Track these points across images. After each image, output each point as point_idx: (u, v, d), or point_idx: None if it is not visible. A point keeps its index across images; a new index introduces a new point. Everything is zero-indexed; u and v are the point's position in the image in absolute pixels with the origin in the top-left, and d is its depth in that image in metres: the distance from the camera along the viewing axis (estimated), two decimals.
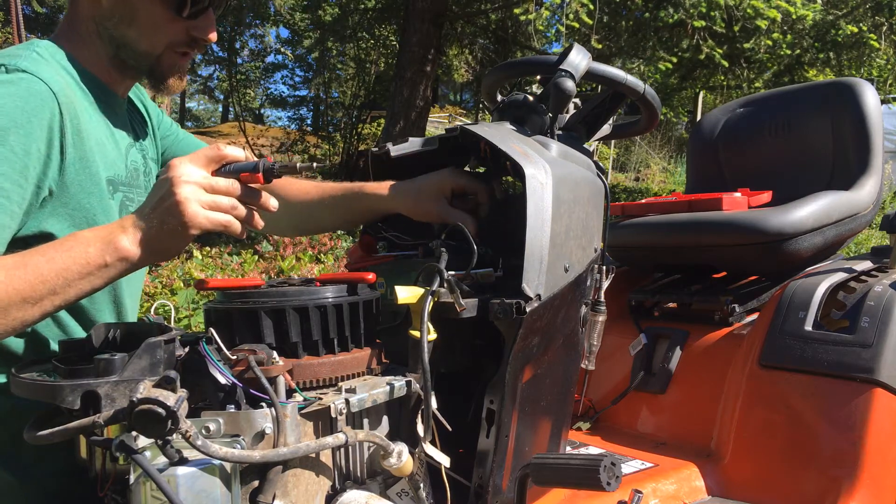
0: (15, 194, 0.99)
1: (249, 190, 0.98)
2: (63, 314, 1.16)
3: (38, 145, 1.02)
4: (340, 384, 0.95)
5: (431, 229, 1.31)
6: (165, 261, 1.00)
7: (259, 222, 1.01)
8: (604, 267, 1.31)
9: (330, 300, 0.96)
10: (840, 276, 1.61)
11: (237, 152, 0.98)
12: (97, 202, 1.14)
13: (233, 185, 0.96)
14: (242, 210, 0.97)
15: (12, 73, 1.03)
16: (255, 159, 0.99)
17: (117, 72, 1.23)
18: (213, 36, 1.24)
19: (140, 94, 1.41)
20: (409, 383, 0.97)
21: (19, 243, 1.01)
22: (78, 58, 1.18)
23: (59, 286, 0.90)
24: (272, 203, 1.00)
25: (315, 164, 1.11)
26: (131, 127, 1.32)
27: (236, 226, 0.96)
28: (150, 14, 1.16)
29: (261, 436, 0.83)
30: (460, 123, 1.32)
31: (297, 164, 0.99)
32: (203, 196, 0.93)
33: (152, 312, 1.24)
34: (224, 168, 0.98)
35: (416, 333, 0.95)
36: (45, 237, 1.05)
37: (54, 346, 1.14)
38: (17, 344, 1.13)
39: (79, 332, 1.18)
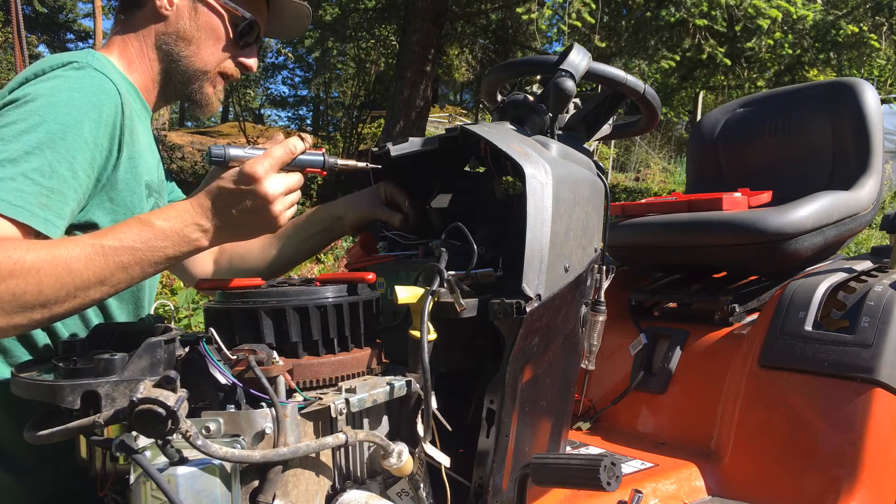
0: (83, 182, 1.04)
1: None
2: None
3: (104, 139, 1.08)
4: (340, 384, 0.95)
5: (431, 229, 1.31)
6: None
7: None
8: (604, 267, 1.31)
9: (330, 300, 0.96)
10: (840, 276, 1.60)
11: (300, 145, 1.06)
12: (137, 202, 1.19)
13: (300, 181, 1.06)
14: (299, 197, 1.08)
15: (84, 69, 1.10)
16: (314, 151, 1.09)
17: (159, 90, 1.31)
18: (255, 67, 1.36)
19: None
20: (409, 383, 0.97)
21: (67, 230, 1.05)
22: (125, 72, 1.25)
23: (137, 274, 0.97)
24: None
25: (375, 167, 1.25)
26: (154, 144, 1.38)
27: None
28: (216, 33, 1.27)
29: (261, 436, 0.83)
30: (460, 123, 1.32)
31: (358, 164, 1.11)
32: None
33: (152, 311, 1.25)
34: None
35: (416, 333, 0.95)
36: (91, 227, 1.10)
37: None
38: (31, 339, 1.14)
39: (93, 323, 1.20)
